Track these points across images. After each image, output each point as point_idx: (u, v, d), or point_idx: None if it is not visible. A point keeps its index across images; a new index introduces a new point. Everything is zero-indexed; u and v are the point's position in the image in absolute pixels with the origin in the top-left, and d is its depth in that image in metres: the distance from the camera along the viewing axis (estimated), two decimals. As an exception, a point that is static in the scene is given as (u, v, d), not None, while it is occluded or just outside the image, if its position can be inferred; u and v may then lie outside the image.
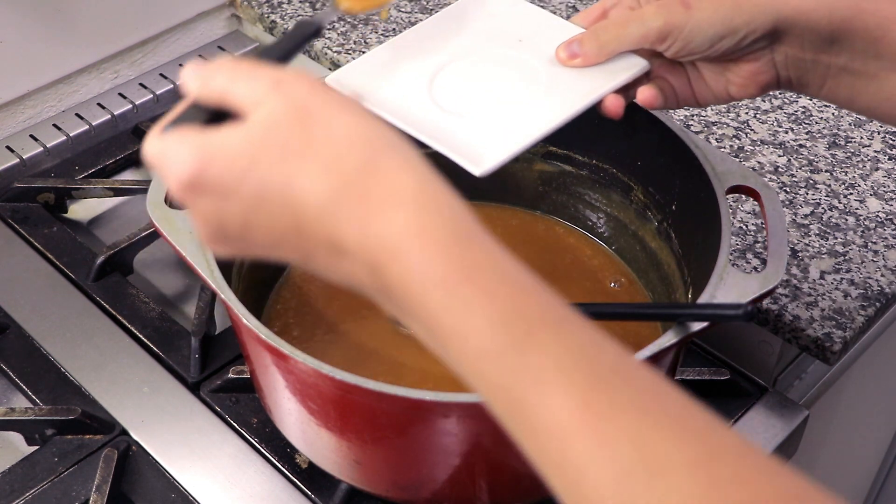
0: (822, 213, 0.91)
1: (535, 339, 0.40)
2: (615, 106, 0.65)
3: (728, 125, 1.01)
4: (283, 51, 0.52)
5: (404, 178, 0.43)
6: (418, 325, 0.43)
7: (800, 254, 0.88)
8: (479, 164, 0.61)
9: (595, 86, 0.66)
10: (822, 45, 0.63)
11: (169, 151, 0.45)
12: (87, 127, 1.06)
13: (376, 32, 1.12)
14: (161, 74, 1.12)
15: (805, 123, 1.02)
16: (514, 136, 0.63)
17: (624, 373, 0.40)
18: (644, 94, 0.67)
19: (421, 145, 0.59)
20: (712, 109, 1.03)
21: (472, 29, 0.71)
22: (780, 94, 1.05)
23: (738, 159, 0.96)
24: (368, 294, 0.45)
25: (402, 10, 1.15)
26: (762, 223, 0.90)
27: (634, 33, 0.64)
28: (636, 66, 0.66)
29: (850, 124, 1.02)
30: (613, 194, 0.86)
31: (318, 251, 0.44)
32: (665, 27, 0.63)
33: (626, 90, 0.67)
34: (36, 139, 1.04)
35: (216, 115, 0.47)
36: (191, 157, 0.44)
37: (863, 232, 0.90)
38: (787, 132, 1.01)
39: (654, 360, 0.63)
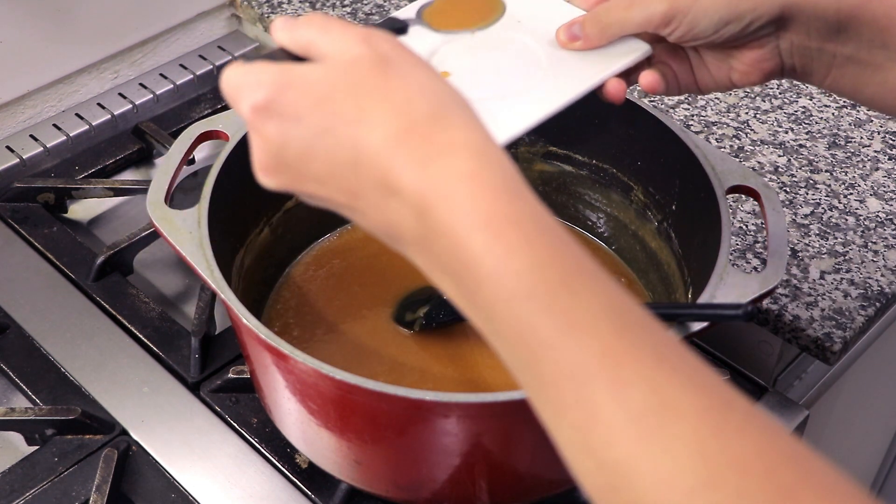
0: (822, 213, 0.91)
1: (568, 286, 0.42)
2: (617, 90, 0.64)
3: (728, 125, 1.01)
4: None
5: (467, 132, 0.45)
6: (454, 272, 0.44)
7: (800, 254, 0.88)
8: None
9: (596, 70, 0.65)
10: (829, 33, 0.63)
11: (250, 76, 0.47)
12: (87, 127, 1.06)
13: (376, 32, 1.12)
14: (161, 74, 1.12)
15: (805, 123, 1.02)
16: (513, 119, 0.62)
17: (647, 327, 0.42)
18: (646, 79, 0.66)
19: None
20: (712, 109, 1.03)
21: None
22: (780, 94, 1.05)
23: (738, 159, 0.96)
24: (404, 244, 0.46)
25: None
26: (762, 223, 0.90)
27: (637, 16, 0.63)
28: (638, 49, 0.65)
29: (850, 124, 1.02)
30: (613, 194, 0.86)
31: (369, 190, 0.45)
32: (669, 11, 0.62)
33: (628, 74, 0.66)
34: (36, 139, 1.04)
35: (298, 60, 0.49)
36: (270, 80, 0.46)
37: (863, 232, 0.90)
38: (787, 132, 1.01)
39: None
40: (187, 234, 0.69)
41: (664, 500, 0.38)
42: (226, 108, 1.12)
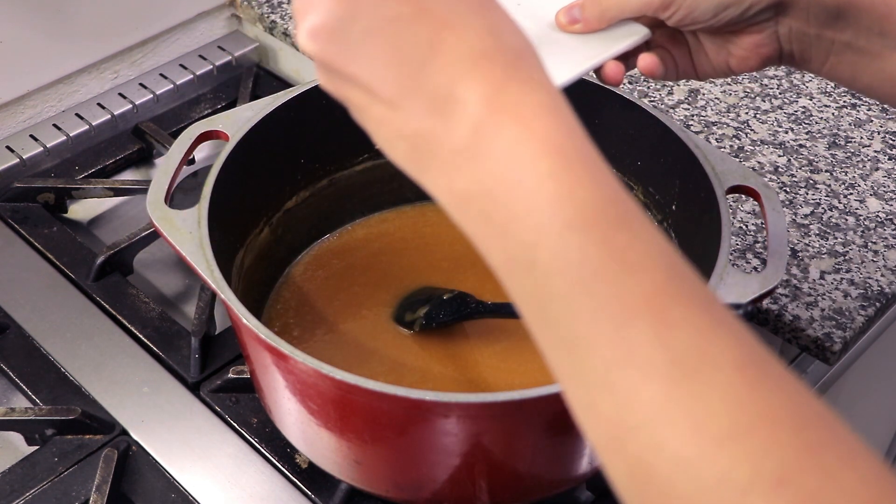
0: (822, 213, 0.91)
1: (628, 225, 0.41)
2: (615, 73, 0.64)
3: (728, 125, 1.01)
4: None
5: (545, 77, 0.44)
6: (491, 193, 0.42)
7: (800, 254, 0.88)
8: None
9: (595, 52, 0.64)
10: (828, 19, 0.62)
11: None
12: (87, 127, 1.06)
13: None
14: (161, 74, 1.12)
15: (805, 123, 1.02)
16: None
17: (696, 280, 0.42)
18: (645, 62, 0.66)
19: None
20: (712, 109, 1.03)
21: None
22: (780, 94, 1.05)
23: (738, 159, 0.96)
24: (434, 159, 0.43)
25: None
26: (762, 223, 0.90)
27: (636, 2, 0.63)
28: (637, 33, 0.65)
29: (850, 124, 1.02)
30: (613, 194, 0.86)
31: (425, 93, 0.43)
32: None
33: (626, 58, 0.66)
34: (36, 139, 1.04)
35: None
36: None
37: (863, 232, 0.90)
38: (787, 132, 1.01)
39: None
40: (187, 234, 0.69)
41: (691, 444, 0.37)
42: (226, 108, 1.12)
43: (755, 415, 0.38)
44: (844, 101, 1.05)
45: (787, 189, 0.94)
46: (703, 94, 1.05)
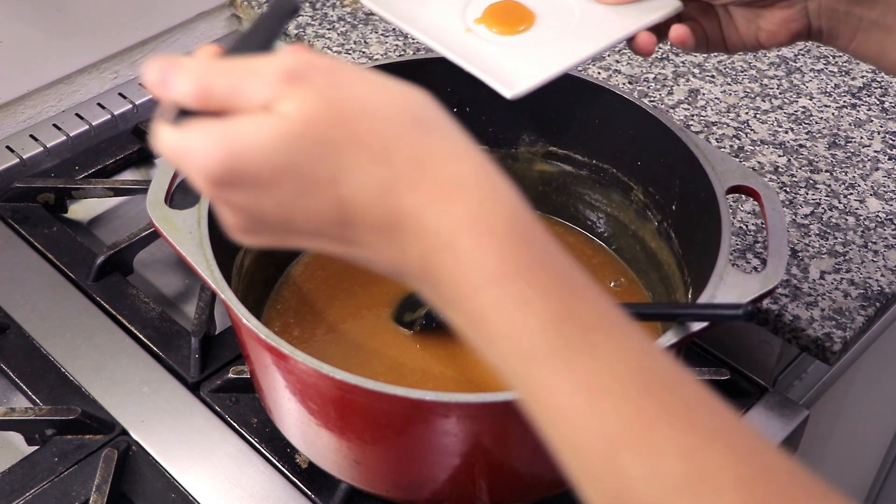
0: (822, 213, 0.91)
1: (588, 342, 0.39)
2: (647, 43, 0.66)
3: (728, 125, 1.01)
4: (264, 38, 0.46)
5: (459, 166, 0.40)
6: (464, 319, 0.41)
7: (800, 254, 0.87)
8: (512, 86, 0.63)
9: (628, 22, 0.67)
10: None
11: (192, 144, 0.41)
12: (87, 127, 1.06)
13: (376, 32, 1.12)
14: (161, 74, 1.12)
15: (805, 123, 1.02)
16: (547, 63, 0.65)
17: (674, 385, 0.39)
18: (676, 32, 0.67)
19: (452, 67, 0.63)
20: (712, 109, 1.03)
21: None
22: (780, 94, 1.05)
23: (738, 159, 0.96)
24: (411, 283, 0.43)
25: None
26: (762, 223, 0.90)
27: None
28: (669, 5, 0.68)
29: (850, 124, 1.02)
30: (613, 194, 0.86)
31: (365, 240, 0.42)
32: None
33: (658, 31, 0.68)
34: (36, 139, 1.04)
35: None
36: (221, 151, 0.40)
37: (863, 232, 0.90)
38: (787, 132, 1.01)
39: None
40: (187, 234, 0.69)
41: None
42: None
43: None
44: (844, 102, 1.05)
45: (787, 189, 0.94)
46: (703, 94, 1.05)
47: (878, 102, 1.05)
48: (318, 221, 0.42)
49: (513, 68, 0.65)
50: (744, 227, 0.90)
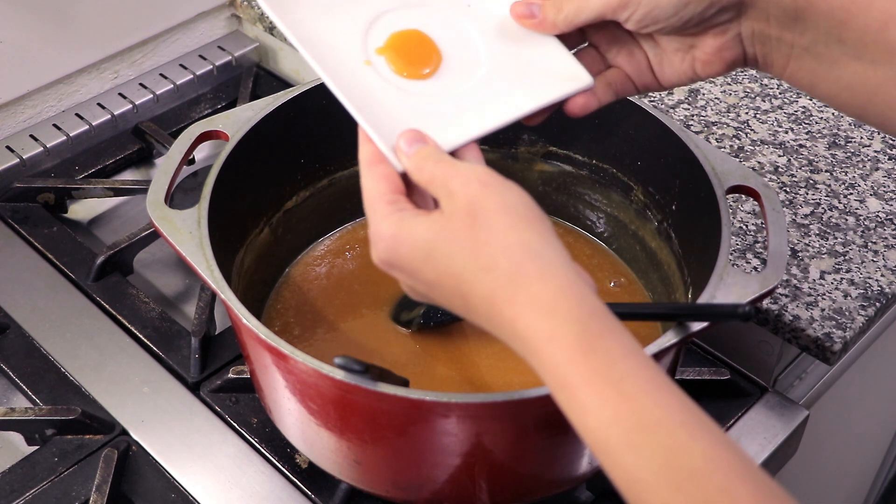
0: (822, 213, 0.91)
1: (647, 438, 0.47)
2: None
3: (728, 125, 1.01)
4: None
5: (543, 286, 0.51)
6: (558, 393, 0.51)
7: (800, 254, 0.88)
8: (398, 153, 0.58)
9: (535, 93, 0.63)
10: (787, 21, 0.62)
11: (375, 225, 0.56)
12: (87, 127, 1.06)
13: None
14: (161, 74, 1.12)
15: (805, 123, 1.02)
16: (440, 134, 0.59)
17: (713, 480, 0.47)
18: (577, 104, 0.65)
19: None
20: (712, 109, 1.03)
21: None
22: (780, 94, 1.05)
23: (738, 159, 0.96)
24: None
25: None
26: (762, 223, 0.90)
27: (596, 4, 0.62)
28: (581, 81, 0.64)
29: (850, 124, 1.02)
30: (613, 194, 0.86)
31: (482, 322, 0.55)
32: None
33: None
34: (36, 139, 1.04)
35: None
36: (388, 237, 0.55)
37: (863, 232, 0.90)
38: (787, 132, 1.01)
39: (654, 360, 0.63)
40: (187, 234, 0.69)
41: None
42: (226, 107, 1.12)
43: None
44: (844, 101, 1.05)
45: (787, 189, 0.94)
46: (703, 94, 1.05)
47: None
48: (452, 299, 0.55)
49: (397, 124, 0.59)
50: (744, 227, 0.90)
